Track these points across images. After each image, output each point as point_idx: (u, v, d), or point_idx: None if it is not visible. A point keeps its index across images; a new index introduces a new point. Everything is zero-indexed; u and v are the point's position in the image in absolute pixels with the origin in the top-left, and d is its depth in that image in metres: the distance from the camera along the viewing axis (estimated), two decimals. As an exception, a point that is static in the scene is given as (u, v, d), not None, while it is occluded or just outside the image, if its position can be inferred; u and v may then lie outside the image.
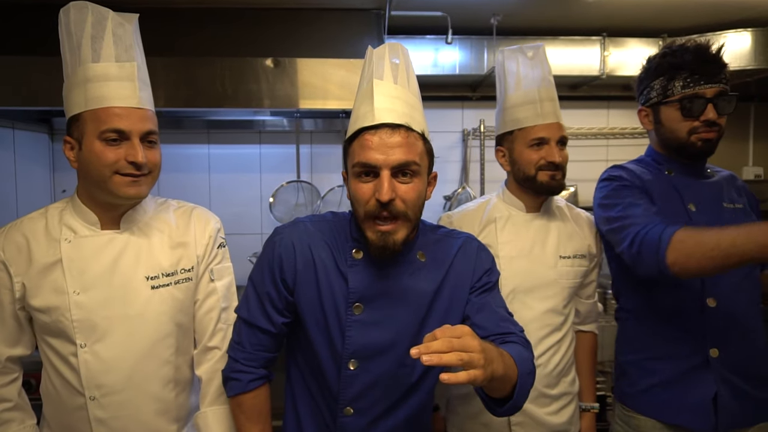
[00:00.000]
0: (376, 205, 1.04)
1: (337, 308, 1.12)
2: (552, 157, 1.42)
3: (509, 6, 2.30)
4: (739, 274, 1.36)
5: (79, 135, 1.11)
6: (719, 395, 1.34)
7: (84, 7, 1.11)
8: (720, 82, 1.37)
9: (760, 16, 2.42)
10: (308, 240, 1.15)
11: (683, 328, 1.37)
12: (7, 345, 1.16)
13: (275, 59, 2.07)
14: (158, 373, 1.19)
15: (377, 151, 1.04)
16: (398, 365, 1.13)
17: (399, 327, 1.12)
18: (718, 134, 1.40)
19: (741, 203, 1.44)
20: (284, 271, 1.15)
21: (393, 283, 1.13)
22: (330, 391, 1.15)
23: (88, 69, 1.10)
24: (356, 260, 1.13)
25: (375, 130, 1.05)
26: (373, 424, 1.16)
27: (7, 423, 1.15)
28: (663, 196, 1.40)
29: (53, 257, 1.13)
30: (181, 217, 1.27)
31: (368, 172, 1.06)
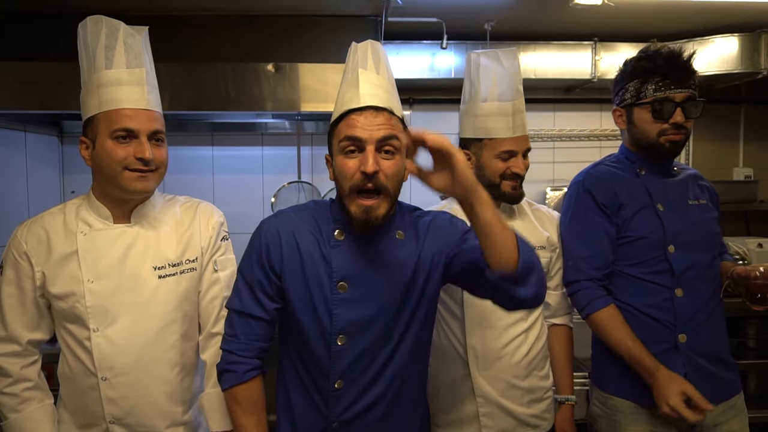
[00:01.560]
0: (362, 177, 1.12)
1: (323, 288, 1.19)
2: (517, 169, 1.49)
3: (502, 12, 2.37)
4: (702, 264, 1.47)
5: (93, 135, 1.22)
6: (688, 376, 1.43)
7: (99, 21, 1.23)
8: (689, 88, 1.46)
9: (747, 22, 2.49)
10: (292, 228, 1.22)
11: (654, 316, 1.47)
12: (28, 329, 1.26)
13: (277, 64, 2.16)
14: (165, 357, 1.28)
15: (363, 129, 1.13)
16: (383, 336, 1.21)
17: (382, 301, 1.20)
18: (684, 136, 1.49)
19: (704, 199, 1.55)
20: (272, 258, 1.21)
21: (374, 261, 1.20)
22: (320, 369, 1.22)
23: (102, 75, 1.21)
24: (339, 241, 1.21)
25: (361, 112, 1.14)
26: (363, 393, 1.22)
27: (28, 401, 1.24)
28: (634, 197, 1.51)
29: (70, 248, 1.23)
30: (186, 211, 1.37)
31: (353, 148, 1.13)
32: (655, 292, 1.48)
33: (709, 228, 1.53)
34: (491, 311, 1.47)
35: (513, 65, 1.53)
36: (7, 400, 1.23)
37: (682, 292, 1.45)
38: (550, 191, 2.96)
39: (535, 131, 2.84)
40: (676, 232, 1.48)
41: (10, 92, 2.20)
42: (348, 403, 1.22)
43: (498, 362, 1.48)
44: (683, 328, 1.45)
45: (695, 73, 1.50)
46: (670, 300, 1.46)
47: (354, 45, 1.26)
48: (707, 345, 1.46)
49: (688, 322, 1.45)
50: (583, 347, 3.01)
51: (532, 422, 1.52)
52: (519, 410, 1.49)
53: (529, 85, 2.77)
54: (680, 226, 1.48)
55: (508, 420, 1.48)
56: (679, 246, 1.47)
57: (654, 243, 1.49)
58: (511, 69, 1.52)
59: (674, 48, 1.50)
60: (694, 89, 1.48)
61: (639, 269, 1.50)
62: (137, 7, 2.19)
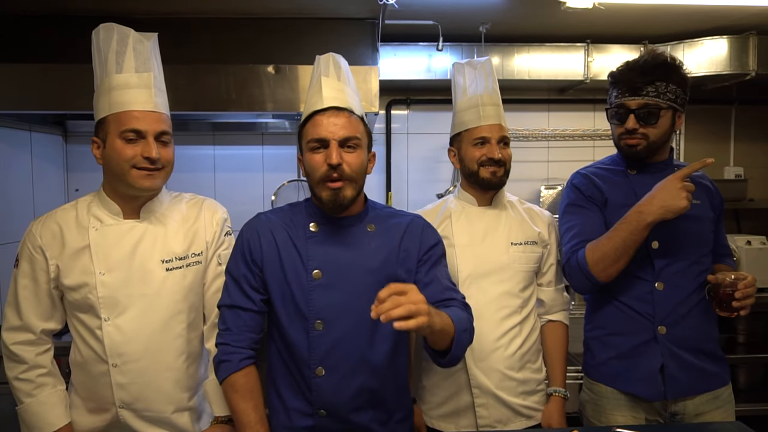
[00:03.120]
0: (328, 168, 1.26)
1: (300, 277, 1.29)
2: (492, 154, 1.56)
3: (497, 15, 2.43)
4: (685, 261, 1.52)
5: (103, 135, 1.29)
6: (666, 367, 1.50)
7: (111, 28, 1.30)
8: (646, 95, 1.49)
9: (736, 24, 2.55)
10: (269, 226, 1.35)
11: (636, 308, 1.53)
12: (42, 319, 1.32)
13: (276, 66, 2.22)
14: (172, 345, 1.35)
15: (326, 128, 1.27)
16: (359, 323, 1.28)
17: (356, 288, 1.29)
18: (644, 141, 1.52)
19: (699, 199, 1.55)
20: (252, 252, 1.33)
21: (346, 250, 1.32)
22: (301, 356, 1.29)
23: (113, 79, 1.28)
24: (314, 233, 1.33)
25: (324, 112, 1.29)
26: (345, 381, 1.29)
27: (42, 386, 1.31)
28: (617, 195, 1.58)
29: (83, 243, 1.30)
30: (192, 207, 1.44)
31: (318, 145, 1.28)
32: (637, 285, 1.53)
33: (698, 227, 1.55)
34: (485, 304, 1.53)
35: (483, 66, 1.65)
36: (23, 386, 1.30)
37: (663, 286, 1.51)
38: (544, 190, 3.01)
39: (530, 131, 2.90)
40: (660, 228, 1.50)
41: (17, 93, 2.25)
42: (331, 391, 1.29)
43: (493, 354, 1.54)
44: (662, 321, 1.51)
45: (658, 80, 1.49)
46: (651, 293, 1.52)
47: (318, 57, 1.39)
48: (688, 338, 1.51)
49: (667, 315, 1.51)
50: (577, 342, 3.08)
51: (525, 413, 1.57)
52: (513, 401, 1.54)
53: (523, 86, 2.86)
54: (666, 223, 1.51)
55: (502, 410, 1.54)
56: (663, 242, 1.52)
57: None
58: (481, 69, 1.64)
59: (643, 57, 1.55)
60: (653, 97, 1.49)
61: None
62: (140, 10, 2.24)
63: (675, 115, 1.53)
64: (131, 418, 1.33)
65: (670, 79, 1.50)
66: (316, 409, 1.30)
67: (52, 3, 2.21)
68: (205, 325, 1.44)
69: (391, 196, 3.02)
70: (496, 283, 1.56)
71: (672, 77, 1.50)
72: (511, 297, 1.57)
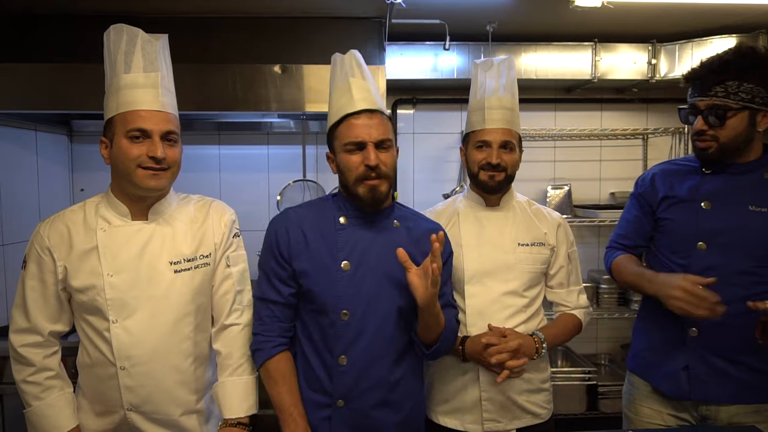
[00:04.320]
0: (366, 169, 1.33)
1: (328, 268, 1.35)
2: (490, 159, 1.54)
3: (504, 14, 2.41)
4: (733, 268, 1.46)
5: (111, 135, 1.28)
6: (691, 368, 1.49)
7: (120, 29, 1.29)
8: (714, 96, 1.43)
9: (744, 23, 2.53)
10: (297, 221, 1.40)
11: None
12: (49, 321, 1.31)
13: (283, 66, 2.21)
14: (179, 347, 1.34)
15: (362, 130, 1.33)
16: (384, 314, 1.36)
17: (381, 280, 1.36)
18: (714, 143, 1.47)
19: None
20: (281, 247, 1.38)
21: (374, 243, 1.38)
22: (325, 345, 1.36)
23: (121, 79, 1.27)
24: (343, 225, 1.39)
25: (357, 115, 1.34)
26: (367, 371, 1.35)
27: (50, 389, 1.30)
28: (679, 191, 1.57)
29: (91, 244, 1.29)
30: (200, 209, 1.43)
31: (356, 148, 1.34)
32: None
33: (759, 237, 1.46)
34: (490, 303, 1.55)
35: (498, 67, 1.63)
36: (31, 389, 1.29)
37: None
38: (551, 189, 3.00)
39: (537, 130, 2.88)
40: (713, 231, 1.49)
41: (23, 92, 2.25)
42: (352, 381, 1.34)
43: None
44: (695, 323, 1.48)
45: (731, 79, 1.41)
46: None
47: (337, 57, 1.43)
48: (724, 346, 1.47)
49: (702, 319, 1.43)
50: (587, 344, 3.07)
51: (531, 410, 1.57)
52: (519, 398, 1.55)
53: (531, 85, 2.85)
54: (721, 226, 1.48)
55: (508, 407, 1.55)
56: (713, 245, 1.48)
57: (685, 236, 1.53)
58: (494, 70, 1.63)
59: (723, 53, 1.47)
60: (722, 98, 1.42)
61: (671, 257, 1.57)
62: (148, 9, 2.24)
63: (755, 114, 1.44)
64: (140, 421, 1.32)
65: (744, 78, 1.41)
66: (334, 399, 1.35)
67: (59, 2, 2.20)
68: (214, 328, 1.43)
69: (397, 195, 3.00)
70: (501, 283, 1.56)
71: (746, 75, 1.41)
72: (516, 296, 1.57)
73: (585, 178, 3.07)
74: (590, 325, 3.04)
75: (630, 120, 3.09)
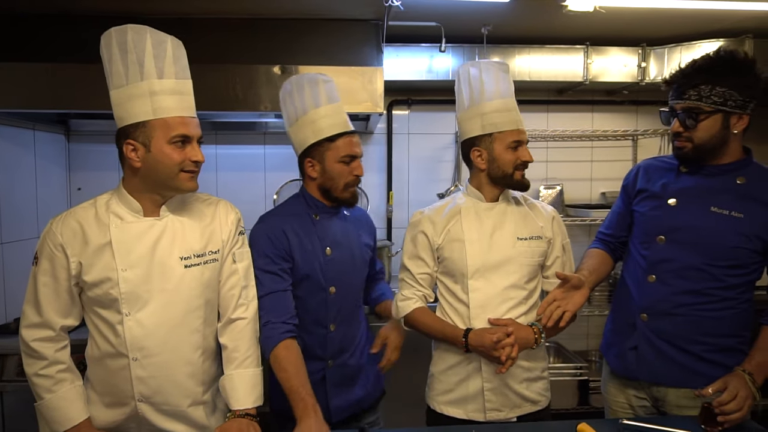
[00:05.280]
0: (355, 177, 1.65)
1: (317, 256, 1.64)
2: (526, 157, 1.62)
3: (498, 17, 2.47)
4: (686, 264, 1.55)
5: (145, 139, 1.29)
6: (639, 349, 1.61)
7: (142, 30, 1.29)
8: (688, 99, 1.49)
9: (731, 27, 2.60)
10: (280, 224, 1.64)
11: (632, 291, 1.66)
12: (61, 316, 1.34)
13: (283, 66, 2.24)
14: (189, 340, 1.37)
15: (356, 147, 1.65)
16: (356, 285, 1.74)
17: (349, 257, 1.70)
18: (689, 144, 1.53)
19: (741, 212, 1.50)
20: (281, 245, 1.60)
21: (341, 232, 1.70)
22: (318, 318, 1.64)
23: (154, 84, 1.28)
24: (317, 220, 1.68)
25: (351, 134, 1.65)
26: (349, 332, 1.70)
27: (61, 382, 1.33)
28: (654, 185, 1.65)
29: (104, 239, 1.32)
30: (208, 207, 1.47)
31: (350, 160, 1.63)
32: (638, 271, 1.64)
33: (726, 239, 1.51)
34: (492, 296, 1.60)
35: (508, 69, 1.70)
36: (43, 382, 1.31)
37: (654, 279, 1.59)
38: (543, 189, 3.06)
39: (529, 131, 2.91)
40: (674, 226, 1.57)
41: (21, 92, 2.26)
42: (338, 341, 1.66)
43: None
44: (645, 309, 1.61)
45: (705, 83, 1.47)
46: (644, 283, 1.61)
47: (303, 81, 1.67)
48: (671, 333, 1.57)
49: (650, 306, 1.59)
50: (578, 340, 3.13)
51: (531, 398, 1.63)
52: (518, 387, 1.61)
53: (524, 86, 2.90)
54: (681, 223, 1.56)
55: (509, 396, 1.60)
56: (671, 240, 1.57)
57: (650, 228, 1.62)
58: (508, 72, 1.69)
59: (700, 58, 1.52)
60: (696, 100, 1.48)
61: (638, 247, 1.67)
62: (147, 10, 2.25)
63: (728, 117, 1.49)
64: (149, 412, 1.35)
65: (718, 82, 1.46)
66: (326, 361, 1.65)
67: (58, 2, 2.21)
68: (220, 322, 1.46)
69: (392, 195, 3.05)
70: (503, 276, 1.61)
71: (719, 79, 1.46)
72: (517, 289, 1.62)
73: (576, 178, 3.14)
74: (581, 322, 3.11)
75: (620, 121, 3.16)
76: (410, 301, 1.67)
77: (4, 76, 2.22)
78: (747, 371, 1.45)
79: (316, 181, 1.66)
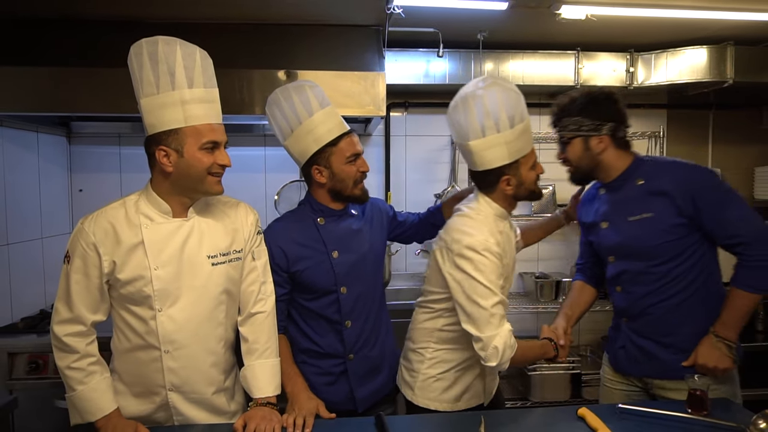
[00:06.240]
0: (361, 174, 1.70)
1: (323, 260, 1.67)
2: (541, 170, 1.67)
3: (494, 23, 2.56)
4: (636, 270, 1.70)
5: (177, 145, 1.36)
6: (626, 349, 1.78)
7: (173, 41, 1.36)
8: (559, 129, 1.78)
9: (715, 35, 2.72)
10: (286, 232, 1.69)
11: (612, 302, 1.86)
12: (91, 312, 1.40)
13: (288, 71, 2.30)
14: (215, 332, 1.46)
15: (357, 145, 1.69)
16: (368, 282, 1.75)
17: (359, 257, 1.73)
18: (569, 164, 1.80)
19: (651, 212, 1.64)
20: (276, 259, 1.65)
21: (349, 232, 1.74)
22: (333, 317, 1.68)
23: (185, 93, 1.34)
24: (323, 225, 1.71)
25: (350, 134, 1.69)
26: (364, 325, 1.73)
27: (92, 374, 1.39)
28: (591, 214, 1.85)
29: (136, 239, 1.38)
30: (231, 208, 1.55)
31: (355, 159, 1.68)
32: (610, 285, 1.84)
33: (649, 240, 1.65)
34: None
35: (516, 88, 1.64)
36: (75, 374, 1.37)
37: (621, 289, 1.78)
38: (535, 190, 3.15)
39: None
40: (613, 245, 1.75)
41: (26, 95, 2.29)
42: (356, 336, 1.71)
43: None
44: (623, 314, 1.80)
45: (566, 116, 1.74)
46: (615, 293, 1.81)
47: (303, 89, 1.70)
48: (647, 330, 1.72)
49: (625, 311, 1.78)
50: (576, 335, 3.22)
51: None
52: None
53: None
54: (616, 240, 1.74)
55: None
56: (617, 256, 1.76)
57: (601, 252, 1.83)
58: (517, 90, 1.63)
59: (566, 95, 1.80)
60: (560, 129, 1.77)
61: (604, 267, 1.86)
62: (153, 15, 2.30)
63: (587, 140, 1.72)
64: (179, 401, 1.43)
65: (572, 113, 1.73)
66: (346, 355, 1.70)
67: (62, 7, 2.25)
68: (241, 316, 1.54)
69: (391, 195, 3.12)
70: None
71: (573, 112, 1.73)
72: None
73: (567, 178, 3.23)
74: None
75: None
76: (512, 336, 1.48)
77: (9, 80, 2.25)
78: (713, 331, 1.63)
79: (326, 186, 1.68)
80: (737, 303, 1.60)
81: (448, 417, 1.59)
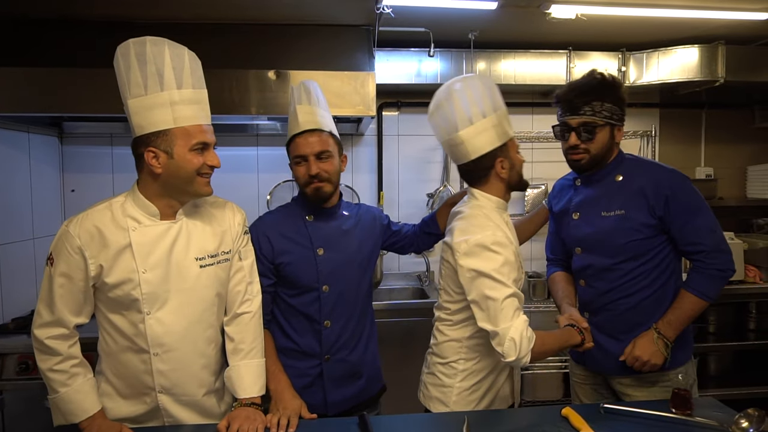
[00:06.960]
0: (308, 177, 1.64)
1: (308, 256, 1.67)
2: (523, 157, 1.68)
3: (485, 23, 2.56)
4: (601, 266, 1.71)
5: (167, 146, 1.35)
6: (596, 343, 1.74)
7: (161, 42, 1.34)
8: (584, 114, 1.64)
9: (706, 35, 2.73)
10: (274, 224, 1.70)
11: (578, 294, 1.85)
12: (74, 315, 1.39)
13: (277, 71, 2.30)
14: (204, 334, 1.46)
15: (304, 147, 1.63)
16: (351, 283, 1.72)
17: (345, 257, 1.72)
18: (586, 155, 1.68)
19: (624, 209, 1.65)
20: (263, 249, 1.66)
21: (336, 231, 1.73)
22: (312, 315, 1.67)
23: (174, 94, 1.33)
24: (310, 222, 1.71)
25: (301, 134, 1.65)
26: (344, 328, 1.70)
27: (75, 376, 1.38)
28: (563, 203, 1.83)
29: (124, 242, 1.37)
30: (218, 209, 1.54)
31: (301, 160, 1.65)
32: (576, 278, 1.84)
33: (618, 237, 1.66)
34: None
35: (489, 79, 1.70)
36: (58, 377, 1.36)
37: (584, 283, 1.78)
38: (528, 189, 3.15)
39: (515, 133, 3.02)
40: (581, 237, 1.75)
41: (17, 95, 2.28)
42: (335, 337, 1.68)
43: None
44: (586, 308, 1.79)
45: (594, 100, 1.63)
46: (579, 287, 1.82)
47: (291, 87, 1.74)
48: (605, 325, 1.73)
49: (587, 305, 1.78)
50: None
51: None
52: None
53: (509, 89, 3.00)
54: (585, 232, 1.73)
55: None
56: (584, 248, 1.75)
57: (568, 243, 1.82)
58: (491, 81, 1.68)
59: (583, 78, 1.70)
60: (591, 115, 1.63)
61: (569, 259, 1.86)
62: (143, 15, 2.30)
63: (613, 129, 1.67)
64: (169, 404, 1.43)
65: (605, 98, 1.64)
66: (323, 356, 1.68)
67: (55, 7, 2.24)
68: (227, 316, 1.53)
69: (383, 195, 3.12)
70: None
71: (607, 96, 1.64)
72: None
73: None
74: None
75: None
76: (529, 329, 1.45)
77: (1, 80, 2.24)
78: (655, 327, 1.65)
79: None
80: (685, 305, 1.64)
81: (432, 417, 1.59)
